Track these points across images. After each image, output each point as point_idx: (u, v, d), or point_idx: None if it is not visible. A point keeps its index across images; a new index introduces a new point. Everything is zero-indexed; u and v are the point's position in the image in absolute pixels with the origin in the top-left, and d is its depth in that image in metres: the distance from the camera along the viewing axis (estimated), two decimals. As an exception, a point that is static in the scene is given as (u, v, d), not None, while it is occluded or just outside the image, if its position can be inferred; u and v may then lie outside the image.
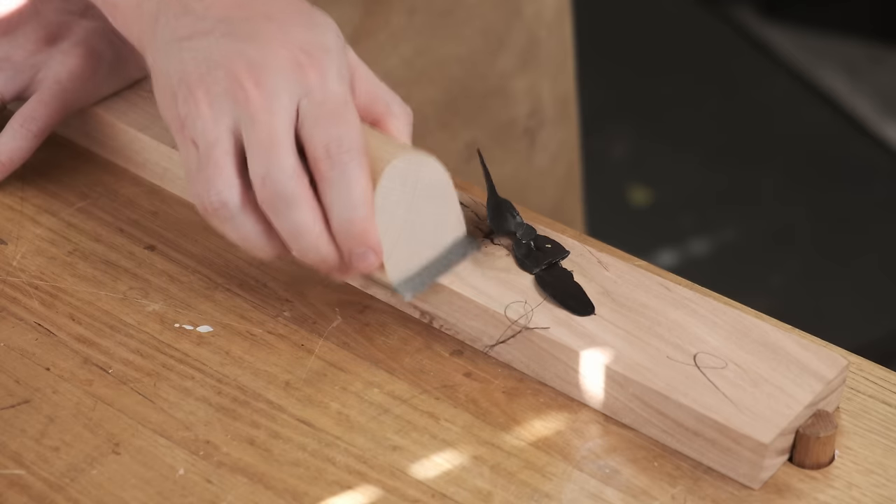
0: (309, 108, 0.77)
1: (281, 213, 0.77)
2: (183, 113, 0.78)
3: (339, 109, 0.77)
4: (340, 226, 0.77)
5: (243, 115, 0.77)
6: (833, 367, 0.78)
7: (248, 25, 0.79)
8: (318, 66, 0.78)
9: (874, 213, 2.45)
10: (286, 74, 0.77)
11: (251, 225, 0.78)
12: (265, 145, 0.76)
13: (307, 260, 0.79)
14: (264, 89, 0.77)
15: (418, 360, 0.83)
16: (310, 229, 0.77)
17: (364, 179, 0.77)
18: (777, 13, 2.79)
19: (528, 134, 1.19)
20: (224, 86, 0.77)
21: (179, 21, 0.79)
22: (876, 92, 2.66)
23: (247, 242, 0.79)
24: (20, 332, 0.84)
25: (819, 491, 0.76)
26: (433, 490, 0.76)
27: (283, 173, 0.76)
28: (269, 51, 0.77)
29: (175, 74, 0.78)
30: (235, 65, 0.77)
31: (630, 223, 2.42)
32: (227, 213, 0.78)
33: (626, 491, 0.76)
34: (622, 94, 2.65)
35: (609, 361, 0.79)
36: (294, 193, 0.76)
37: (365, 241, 0.78)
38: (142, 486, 0.76)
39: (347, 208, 0.77)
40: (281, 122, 0.77)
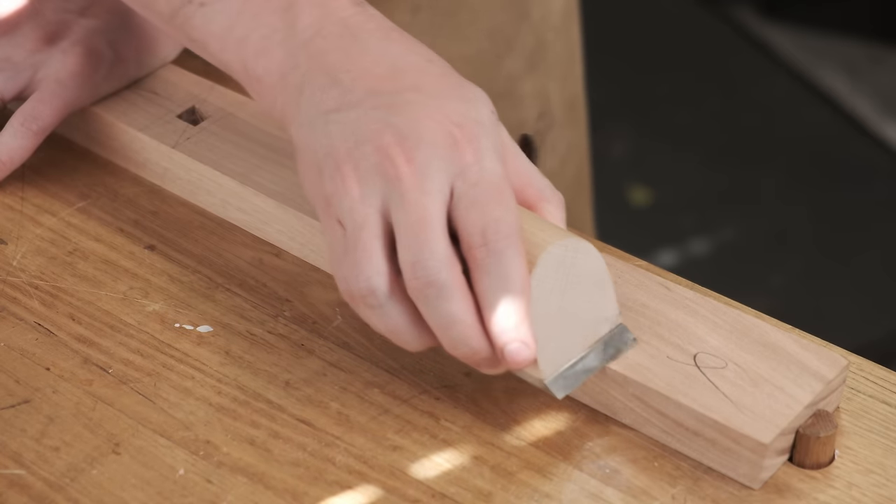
0: (464, 188, 0.73)
1: (431, 303, 0.72)
2: (329, 190, 0.74)
3: (497, 191, 0.73)
4: (494, 317, 0.72)
5: (393, 193, 0.72)
6: (833, 367, 0.78)
7: (398, 97, 0.74)
8: (473, 141, 0.73)
9: (874, 213, 2.45)
10: (439, 150, 0.73)
11: (399, 314, 0.74)
12: (416, 229, 0.72)
13: (457, 353, 0.74)
14: (416, 166, 0.72)
15: (418, 360, 0.83)
16: (461, 320, 0.72)
17: (522, 268, 0.72)
18: (777, 13, 2.79)
19: (537, 136, 1.18)
20: (373, 161, 0.73)
21: (326, 93, 0.75)
22: (876, 92, 2.66)
23: (394, 333, 0.75)
24: (20, 332, 0.84)
25: (819, 491, 0.76)
26: (433, 490, 0.76)
27: (436, 260, 0.72)
28: (420, 124, 0.73)
29: (321, 149, 0.74)
30: (385, 139, 0.73)
31: (630, 223, 2.42)
32: (374, 300, 0.73)
33: (626, 491, 0.76)
34: (622, 93, 2.65)
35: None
36: (446, 282, 0.72)
37: (519, 334, 0.72)
38: (142, 486, 0.76)
39: (505, 296, 0.72)
40: (433, 204, 0.72)
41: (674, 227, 2.42)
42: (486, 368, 0.75)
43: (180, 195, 0.94)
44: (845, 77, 2.69)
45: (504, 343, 0.73)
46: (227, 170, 0.91)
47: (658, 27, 2.83)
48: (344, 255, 0.74)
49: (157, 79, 0.98)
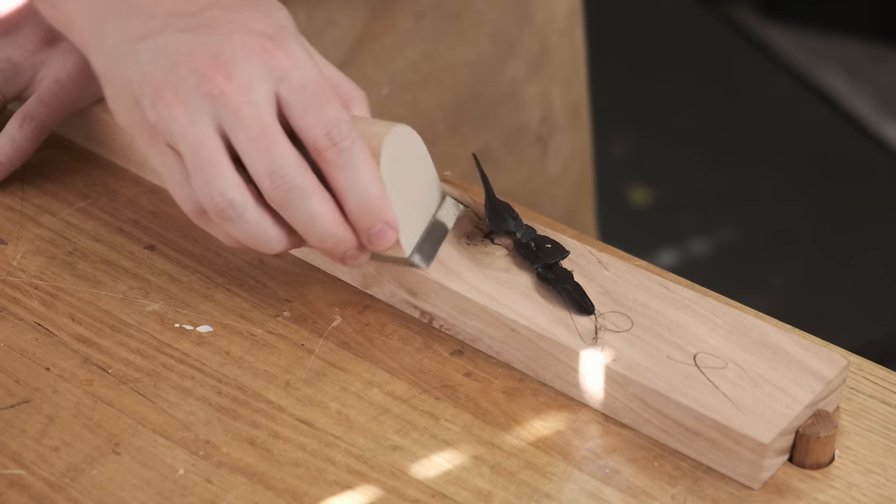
0: (290, 94, 0.75)
1: (294, 205, 0.75)
2: (153, 118, 0.75)
3: (325, 91, 0.76)
4: (358, 207, 0.76)
5: (223, 111, 0.74)
6: (833, 367, 0.78)
7: (201, 16, 0.76)
8: (284, 47, 0.76)
9: (874, 213, 2.45)
10: (255, 61, 0.75)
11: (258, 220, 0.76)
12: (261, 141, 0.74)
13: (324, 247, 0.77)
14: (237, 81, 0.74)
15: (418, 360, 0.83)
16: (324, 214, 0.76)
17: (371, 158, 0.76)
18: (777, 13, 2.79)
19: (540, 140, 1.18)
20: (192, 83, 0.74)
21: (128, 21, 0.77)
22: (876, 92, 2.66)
23: (256, 239, 0.77)
24: (20, 332, 0.84)
25: (819, 491, 0.76)
26: (433, 490, 0.76)
27: (290, 167, 0.75)
28: (229, 40, 0.75)
29: (135, 78, 0.76)
30: (198, 60, 0.75)
31: (630, 223, 2.42)
32: (233, 212, 0.76)
33: (626, 491, 0.76)
34: (622, 93, 2.65)
35: (609, 361, 0.79)
36: (305, 184, 0.75)
37: (383, 217, 0.77)
38: (142, 486, 0.76)
39: (362, 190, 0.76)
40: (267, 113, 0.75)
41: (674, 227, 2.42)
42: (352, 259, 0.78)
43: (180, 195, 0.94)
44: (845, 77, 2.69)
45: (367, 228, 0.76)
46: None
47: (658, 28, 2.83)
48: (186, 176, 0.76)
49: (157, 79, 0.98)
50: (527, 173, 1.18)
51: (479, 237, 0.86)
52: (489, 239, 0.86)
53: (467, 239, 0.86)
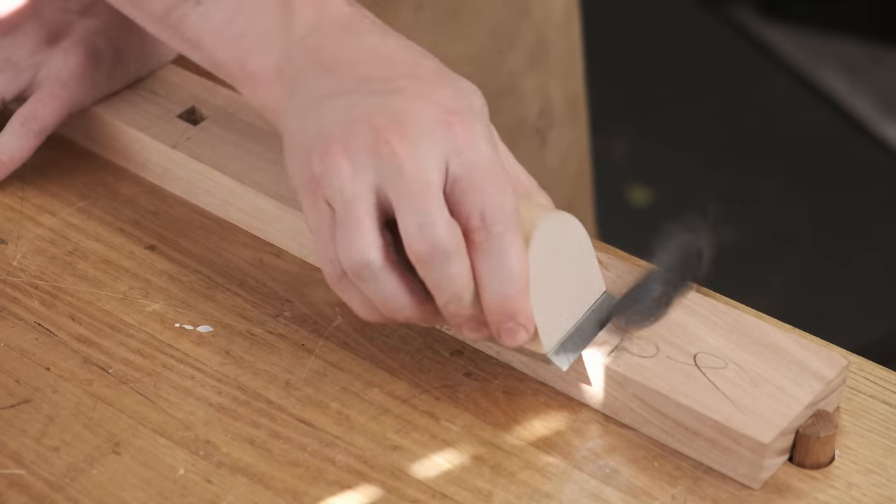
0: (460, 170, 0.73)
1: (436, 265, 0.73)
2: (318, 171, 0.74)
3: (493, 173, 0.73)
4: (494, 300, 0.73)
5: (388, 168, 0.73)
6: (833, 367, 0.78)
7: (393, 84, 0.75)
8: (467, 125, 0.74)
9: (874, 213, 2.45)
10: (433, 129, 0.73)
11: (394, 283, 0.74)
12: (419, 195, 0.72)
13: (448, 310, 0.74)
14: (410, 143, 0.73)
15: (418, 360, 0.83)
16: (461, 281, 0.73)
17: (521, 253, 0.73)
18: (777, 13, 2.79)
19: (538, 134, 1.18)
20: (365, 140, 0.73)
21: (321, 81, 0.76)
22: (876, 92, 2.66)
23: (389, 302, 0.75)
24: (20, 332, 0.84)
25: (819, 491, 0.76)
26: (433, 490, 0.76)
27: (440, 224, 0.72)
28: (413, 105, 0.74)
29: (313, 131, 0.75)
30: (378, 119, 0.73)
31: (630, 223, 2.42)
32: (369, 273, 0.73)
33: (626, 491, 0.76)
34: (623, 94, 2.65)
35: (609, 361, 0.78)
36: (450, 244, 0.72)
37: (517, 316, 0.74)
38: (142, 486, 0.76)
39: (502, 283, 0.73)
40: (432, 174, 0.72)
41: (674, 227, 2.41)
42: (471, 333, 0.76)
43: (180, 195, 0.94)
44: (845, 77, 2.69)
45: (500, 322, 0.74)
46: (227, 170, 0.91)
47: (658, 27, 2.83)
48: (333, 234, 0.74)
49: (157, 79, 0.98)
50: (526, 166, 1.19)
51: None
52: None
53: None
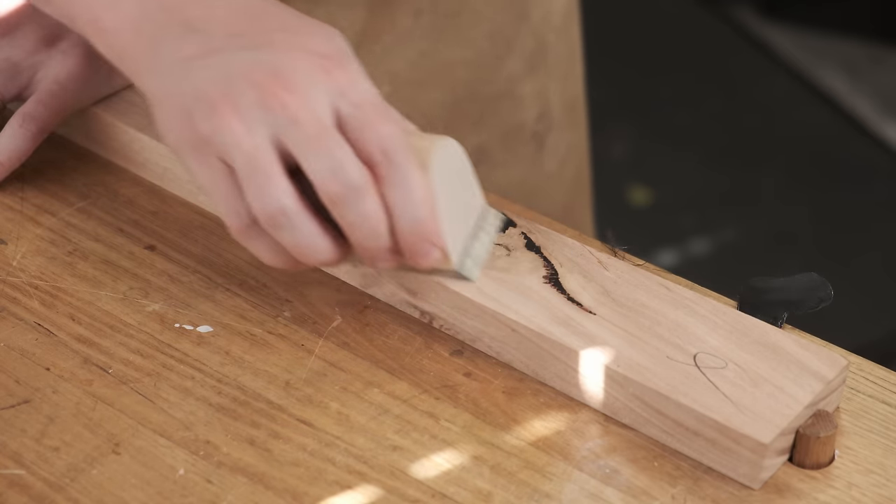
0: (348, 109, 0.76)
1: (350, 204, 0.75)
2: (206, 131, 0.75)
3: (381, 108, 0.76)
4: (407, 226, 0.76)
5: (282, 120, 0.74)
6: (833, 367, 0.78)
7: (263, 38, 0.77)
8: (344, 67, 0.77)
9: (874, 213, 2.45)
10: (314, 76, 0.75)
11: (311, 227, 0.76)
12: (321, 140, 0.75)
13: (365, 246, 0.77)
14: (298, 93, 0.75)
15: (418, 360, 0.83)
16: (374, 215, 0.75)
17: (423, 178, 0.76)
18: (777, 13, 2.79)
19: (536, 138, 1.18)
20: (253, 96, 0.75)
21: (185, 41, 0.77)
22: (876, 92, 2.66)
23: (305, 248, 0.76)
24: (20, 332, 0.84)
25: (819, 491, 0.76)
26: (433, 490, 0.76)
27: (348, 164, 0.74)
28: (289, 57, 0.76)
29: (190, 93, 0.76)
30: (258, 74, 0.75)
31: (630, 223, 2.42)
32: (285, 219, 0.75)
33: (626, 491, 0.76)
34: (622, 94, 2.65)
35: (609, 361, 0.79)
36: (361, 182, 0.75)
37: (430, 237, 0.76)
38: (142, 486, 0.76)
39: (413, 209, 0.75)
40: (326, 118, 0.75)
41: (674, 227, 2.42)
42: (385, 263, 0.78)
43: (180, 195, 0.94)
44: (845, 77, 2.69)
45: (413, 245, 0.76)
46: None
47: (658, 28, 2.83)
48: (234, 188, 0.76)
49: (157, 79, 0.98)
50: (523, 171, 1.19)
51: None
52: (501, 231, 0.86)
53: (467, 239, 0.86)
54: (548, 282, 0.83)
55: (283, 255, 0.78)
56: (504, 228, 0.87)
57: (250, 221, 0.77)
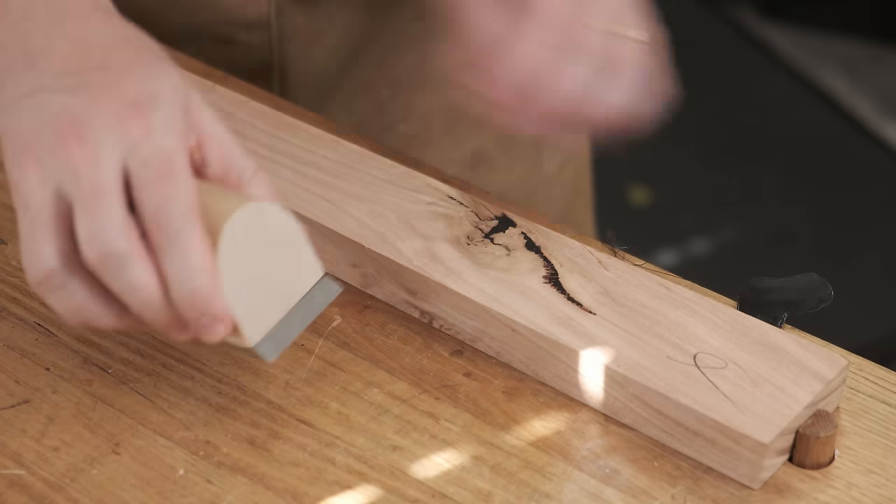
0: (135, 167, 0.71)
1: (112, 273, 0.71)
2: (14, 178, 0.73)
3: (166, 168, 0.71)
4: (181, 297, 0.71)
5: (66, 173, 0.71)
6: (833, 367, 0.78)
7: (83, 78, 0.73)
8: (144, 119, 0.72)
9: (874, 213, 2.45)
10: (109, 129, 0.72)
11: (82, 291, 0.72)
12: (90, 201, 0.71)
13: (146, 317, 0.73)
14: (86, 145, 0.71)
15: (418, 360, 0.83)
16: (145, 285, 0.71)
17: (199, 246, 0.71)
18: (777, 13, 2.79)
19: (535, 141, 1.18)
20: (49, 144, 0.72)
21: (24, 76, 0.74)
22: (876, 92, 2.66)
23: (82, 311, 0.73)
24: (20, 332, 0.84)
25: (819, 491, 0.76)
26: (433, 490, 0.76)
27: (111, 229, 0.70)
28: (93, 104, 0.72)
29: (13, 135, 0.73)
30: (61, 122, 0.72)
31: (630, 223, 2.41)
32: (55, 281, 0.72)
33: (626, 491, 0.76)
34: (622, 93, 2.65)
35: (609, 361, 0.79)
36: (124, 250, 0.71)
37: (209, 311, 0.72)
38: (142, 486, 0.76)
39: (186, 278, 0.71)
40: (106, 176, 0.71)
41: (674, 227, 2.42)
42: (176, 335, 0.74)
43: (180, 195, 0.94)
44: (845, 77, 2.69)
45: (195, 319, 0.72)
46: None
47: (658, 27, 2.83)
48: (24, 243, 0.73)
49: (157, 79, 0.98)
50: (522, 173, 1.18)
51: (478, 237, 0.86)
52: (489, 239, 0.86)
53: (467, 239, 0.86)
54: (548, 282, 0.83)
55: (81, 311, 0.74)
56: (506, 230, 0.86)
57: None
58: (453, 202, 0.89)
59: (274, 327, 0.76)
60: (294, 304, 0.77)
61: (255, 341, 0.75)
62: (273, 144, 0.92)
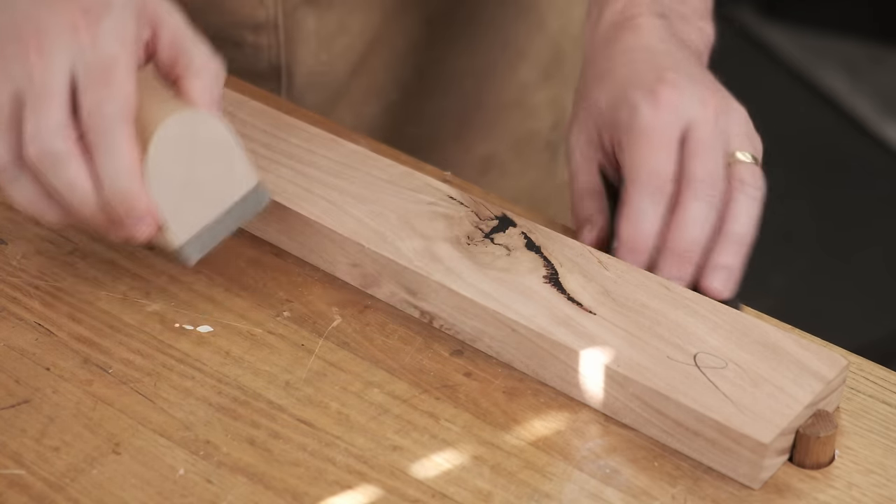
0: (80, 71, 0.77)
1: (50, 172, 0.77)
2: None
3: (106, 73, 0.77)
4: (110, 195, 0.77)
5: (24, 77, 0.77)
6: (833, 367, 0.78)
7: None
8: (93, 26, 0.77)
9: (875, 213, 2.45)
10: (63, 36, 0.77)
11: (31, 186, 0.78)
12: (35, 103, 0.76)
13: (83, 216, 0.79)
14: (42, 52, 0.77)
15: (418, 360, 0.83)
16: (80, 186, 0.77)
17: (127, 147, 0.77)
18: (777, 13, 2.79)
19: (549, 147, 1.18)
20: (13, 51, 0.77)
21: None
22: (876, 92, 2.66)
23: (31, 205, 0.79)
24: (20, 332, 0.84)
25: (819, 491, 0.76)
26: (433, 490, 0.76)
27: (49, 130, 0.76)
28: (53, 12, 0.77)
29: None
30: (25, 30, 0.77)
31: (630, 223, 2.41)
32: (7, 175, 0.78)
33: (626, 491, 0.76)
34: (622, 93, 2.65)
35: (609, 361, 0.79)
36: (59, 150, 0.76)
37: (136, 209, 0.78)
38: (142, 486, 0.76)
39: (114, 178, 0.77)
40: (53, 80, 0.76)
41: (674, 227, 2.41)
42: (113, 234, 0.79)
43: (180, 195, 0.94)
44: (845, 77, 2.69)
45: (123, 217, 0.78)
46: None
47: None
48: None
49: (157, 79, 0.98)
50: (534, 179, 1.18)
51: (479, 237, 0.86)
52: (489, 239, 0.86)
53: (467, 239, 0.86)
54: (548, 282, 0.83)
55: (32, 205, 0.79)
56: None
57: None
58: (453, 202, 0.89)
59: (200, 230, 0.81)
60: (224, 210, 0.82)
61: (180, 242, 0.80)
62: (273, 144, 0.92)
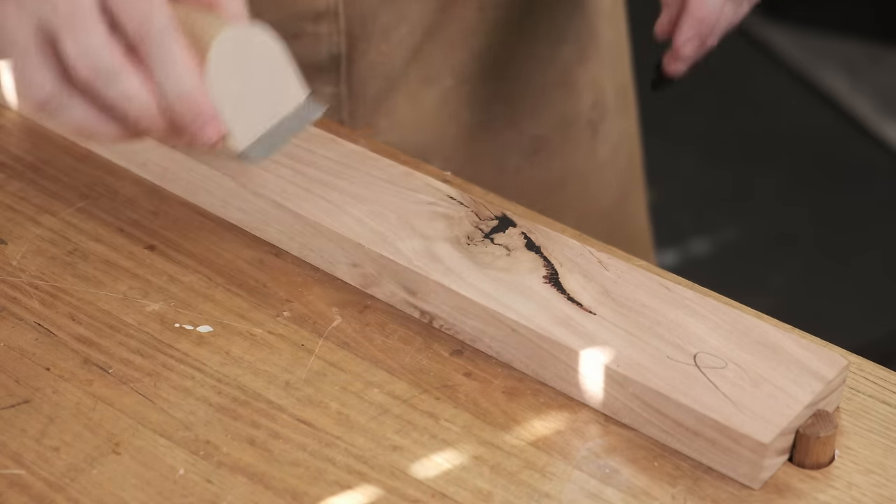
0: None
1: (104, 87, 0.76)
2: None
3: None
4: (173, 101, 0.77)
5: (44, 5, 0.76)
6: (833, 367, 0.78)
7: None
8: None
9: (875, 213, 2.45)
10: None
11: (82, 107, 0.78)
12: (70, 27, 0.75)
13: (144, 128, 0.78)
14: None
15: (418, 360, 0.83)
16: (136, 95, 0.77)
17: (184, 53, 0.76)
18: (777, 13, 2.79)
19: (590, 125, 1.19)
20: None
21: None
22: (876, 92, 2.66)
23: (86, 127, 0.79)
24: (20, 332, 0.84)
25: (819, 491, 0.76)
26: (433, 490, 0.76)
27: (94, 48, 0.75)
28: None
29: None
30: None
31: (630, 223, 2.41)
32: (55, 103, 0.77)
33: (626, 491, 0.76)
34: (622, 94, 2.65)
35: (609, 361, 0.79)
36: (110, 64, 0.76)
37: (200, 112, 0.78)
38: (142, 486, 0.76)
39: (177, 83, 0.76)
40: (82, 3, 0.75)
41: (674, 227, 2.42)
42: (175, 140, 0.80)
43: (180, 195, 0.94)
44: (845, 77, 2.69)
45: (187, 122, 0.78)
46: (227, 170, 0.91)
47: (658, 27, 2.83)
48: (19, 78, 0.78)
49: (157, 79, 0.98)
50: (579, 159, 1.19)
51: (478, 237, 0.86)
52: (489, 239, 0.86)
53: (467, 239, 0.86)
54: (548, 282, 0.83)
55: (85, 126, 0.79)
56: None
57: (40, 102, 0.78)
58: (453, 202, 0.89)
59: (261, 136, 0.82)
60: (279, 119, 0.83)
61: (243, 146, 0.81)
62: (273, 144, 0.92)
